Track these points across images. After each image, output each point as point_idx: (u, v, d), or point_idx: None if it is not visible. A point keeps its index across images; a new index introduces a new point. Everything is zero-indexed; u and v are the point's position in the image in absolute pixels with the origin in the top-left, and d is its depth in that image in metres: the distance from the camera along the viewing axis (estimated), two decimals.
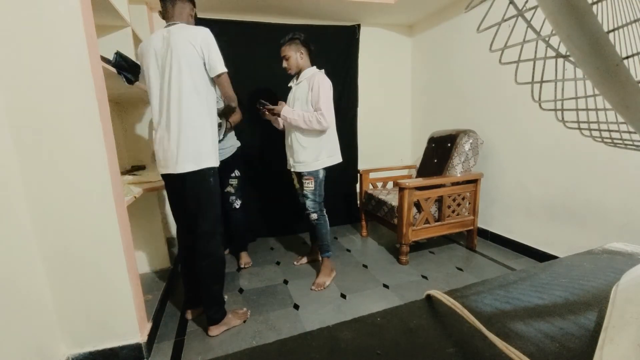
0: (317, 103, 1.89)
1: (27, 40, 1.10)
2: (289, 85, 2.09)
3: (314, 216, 2.04)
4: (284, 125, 2.10)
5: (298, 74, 2.01)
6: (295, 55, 1.94)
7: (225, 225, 2.27)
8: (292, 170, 2.09)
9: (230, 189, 2.23)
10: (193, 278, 1.60)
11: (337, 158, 2.06)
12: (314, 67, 2.01)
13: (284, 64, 1.97)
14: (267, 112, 2.01)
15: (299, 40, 1.94)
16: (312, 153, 1.98)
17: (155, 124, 1.48)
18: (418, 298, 0.43)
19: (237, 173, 2.24)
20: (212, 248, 1.53)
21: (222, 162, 2.09)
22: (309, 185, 2.02)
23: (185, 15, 1.50)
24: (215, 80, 1.47)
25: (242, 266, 2.34)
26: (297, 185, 2.16)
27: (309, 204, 2.03)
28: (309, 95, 1.93)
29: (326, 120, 1.88)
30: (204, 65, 1.43)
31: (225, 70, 1.46)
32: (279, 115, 1.96)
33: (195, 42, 1.40)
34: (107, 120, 1.28)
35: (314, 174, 1.99)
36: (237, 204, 2.28)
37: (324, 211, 2.08)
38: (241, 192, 2.29)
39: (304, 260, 2.37)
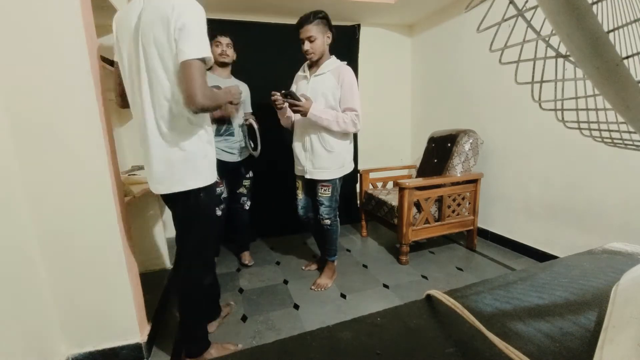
0: (350, 102, 1.67)
1: (27, 40, 1.10)
2: (300, 74, 1.81)
3: (327, 222, 1.89)
4: (292, 124, 1.88)
5: (316, 62, 1.73)
6: (322, 38, 1.65)
7: (230, 224, 2.27)
8: (308, 177, 1.82)
9: (242, 190, 2.25)
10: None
11: (352, 165, 1.90)
12: (333, 56, 1.75)
13: (307, 47, 1.65)
14: (283, 105, 1.70)
15: (326, 21, 1.65)
16: (338, 158, 1.76)
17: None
18: (418, 298, 0.43)
19: (251, 174, 2.26)
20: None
21: (238, 162, 2.09)
22: (326, 193, 1.82)
23: None
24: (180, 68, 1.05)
25: (247, 263, 2.33)
26: (301, 192, 1.98)
27: (323, 210, 1.86)
28: (338, 92, 1.68)
29: (359, 122, 1.68)
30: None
31: (197, 56, 1.03)
32: (304, 113, 1.66)
33: (170, 18, 1.01)
34: (107, 120, 1.28)
35: (332, 182, 1.80)
36: (247, 205, 2.31)
37: (337, 216, 1.94)
38: (252, 192, 2.33)
39: (314, 266, 2.25)
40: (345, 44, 2.99)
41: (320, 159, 1.76)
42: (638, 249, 0.55)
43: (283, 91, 1.65)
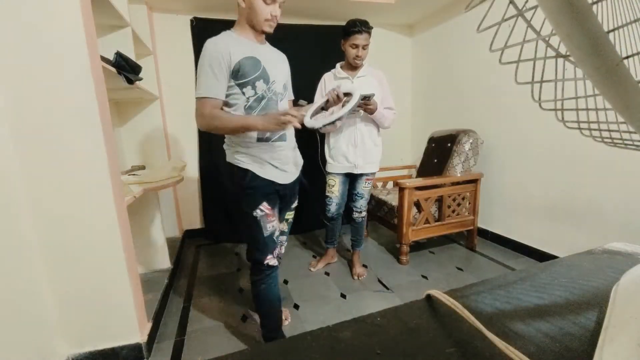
0: (390, 101, 1.91)
1: (27, 40, 1.10)
2: (338, 75, 1.91)
3: (363, 214, 2.09)
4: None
5: (355, 67, 1.90)
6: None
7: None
8: (359, 171, 1.96)
9: (284, 227, 1.56)
10: None
11: None
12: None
13: (360, 53, 1.80)
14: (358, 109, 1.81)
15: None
16: (380, 152, 2.01)
17: None
18: (418, 298, 0.43)
19: (296, 202, 1.54)
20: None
21: (292, 183, 1.41)
22: (368, 186, 2.03)
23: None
24: None
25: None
26: (337, 190, 2.02)
27: (362, 203, 2.05)
28: (379, 91, 1.87)
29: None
30: None
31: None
32: (372, 111, 1.81)
33: None
34: (107, 120, 1.28)
35: (374, 174, 2.03)
36: (284, 248, 1.61)
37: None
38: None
39: (320, 265, 2.26)
40: None
41: (370, 153, 1.95)
42: (638, 249, 0.55)
43: (361, 94, 1.59)
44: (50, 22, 1.11)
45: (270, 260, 1.33)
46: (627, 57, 0.23)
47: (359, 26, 1.77)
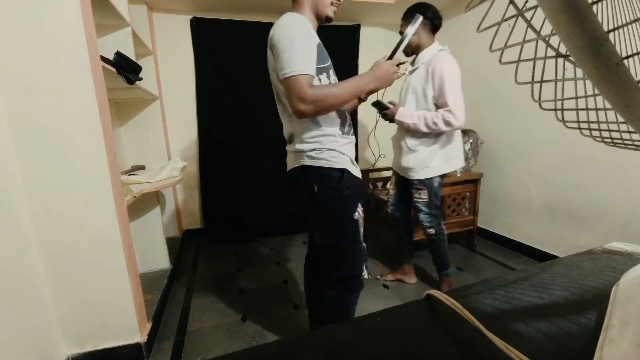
0: (441, 97, 1.50)
1: (27, 40, 1.10)
2: (403, 73, 1.42)
3: (432, 231, 1.73)
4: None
5: (415, 55, 1.62)
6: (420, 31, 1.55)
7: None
8: (402, 174, 1.77)
9: None
10: None
11: (457, 163, 1.70)
12: (436, 43, 1.60)
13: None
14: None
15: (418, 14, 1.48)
16: (422, 158, 1.62)
17: None
18: (418, 298, 0.43)
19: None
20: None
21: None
22: (422, 197, 1.70)
23: None
24: None
25: None
26: (393, 188, 1.89)
27: (424, 217, 1.72)
28: (428, 86, 1.54)
29: (457, 119, 1.48)
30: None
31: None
32: (392, 120, 1.61)
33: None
34: (107, 120, 1.28)
35: (426, 183, 1.66)
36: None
37: (442, 224, 1.76)
38: None
39: (390, 277, 2.04)
40: (345, 44, 2.99)
41: (405, 159, 1.68)
42: (638, 249, 0.55)
43: (377, 105, 1.61)
44: (50, 22, 1.11)
45: (365, 272, 1.18)
46: (627, 57, 0.23)
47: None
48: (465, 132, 2.37)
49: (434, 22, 1.57)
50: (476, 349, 0.33)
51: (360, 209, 1.15)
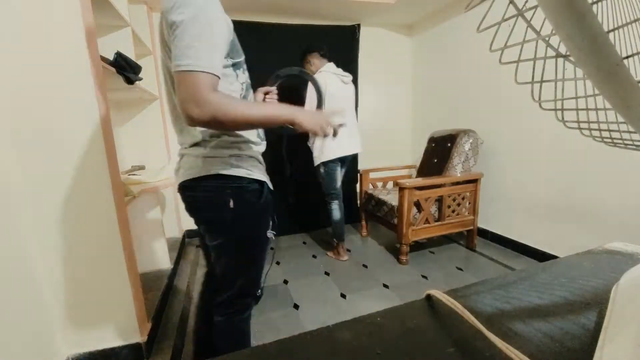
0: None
1: (27, 40, 1.10)
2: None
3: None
4: None
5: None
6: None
7: None
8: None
9: None
10: None
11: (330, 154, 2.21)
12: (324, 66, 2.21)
13: None
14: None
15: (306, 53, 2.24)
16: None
17: None
18: (418, 298, 0.43)
19: None
20: None
21: None
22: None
23: None
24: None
25: None
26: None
27: None
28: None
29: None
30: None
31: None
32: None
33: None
34: (107, 120, 1.28)
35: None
36: None
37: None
38: None
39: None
40: (345, 44, 2.99)
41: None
42: (638, 249, 0.55)
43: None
44: (50, 22, 1.11)
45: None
46: (627, 57, 0.23)
47: None
48: (465, 132, 2.37)
49: (319, 52, 2.24)
50: (476, 349, 0.33)
51: (270, 223, 1.02)
